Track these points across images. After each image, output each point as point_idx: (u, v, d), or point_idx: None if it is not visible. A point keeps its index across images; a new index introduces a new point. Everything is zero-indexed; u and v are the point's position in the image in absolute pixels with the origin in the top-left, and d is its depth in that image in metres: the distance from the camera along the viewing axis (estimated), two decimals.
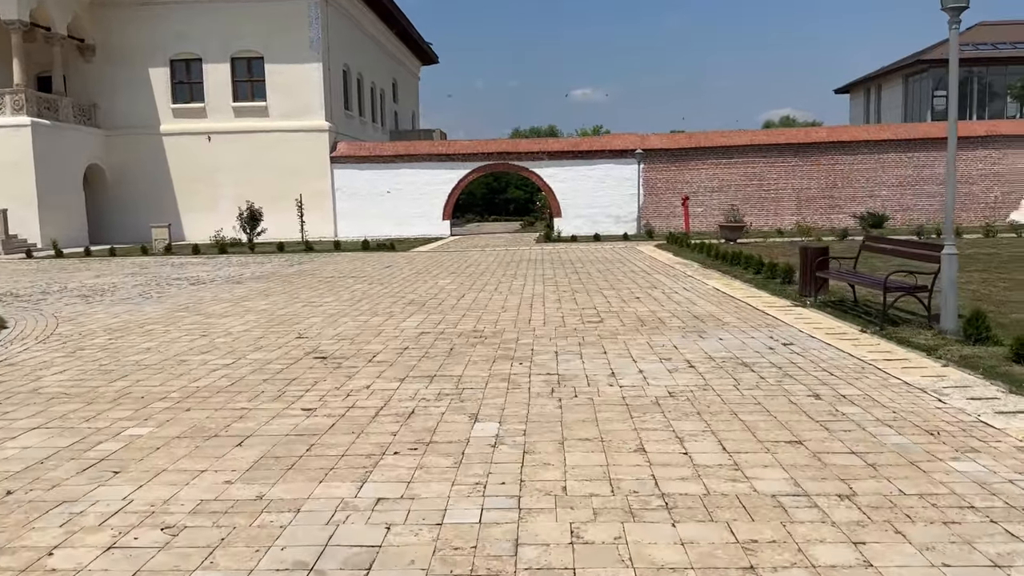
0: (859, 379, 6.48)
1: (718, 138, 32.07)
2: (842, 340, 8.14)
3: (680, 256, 19.40)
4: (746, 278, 13.96)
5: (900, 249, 9.59)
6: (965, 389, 6.03)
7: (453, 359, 7.71)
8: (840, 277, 10.22)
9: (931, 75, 41.73)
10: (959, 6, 7.76)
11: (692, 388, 6.32)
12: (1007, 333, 7.81)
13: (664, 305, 11.09)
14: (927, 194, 31.59)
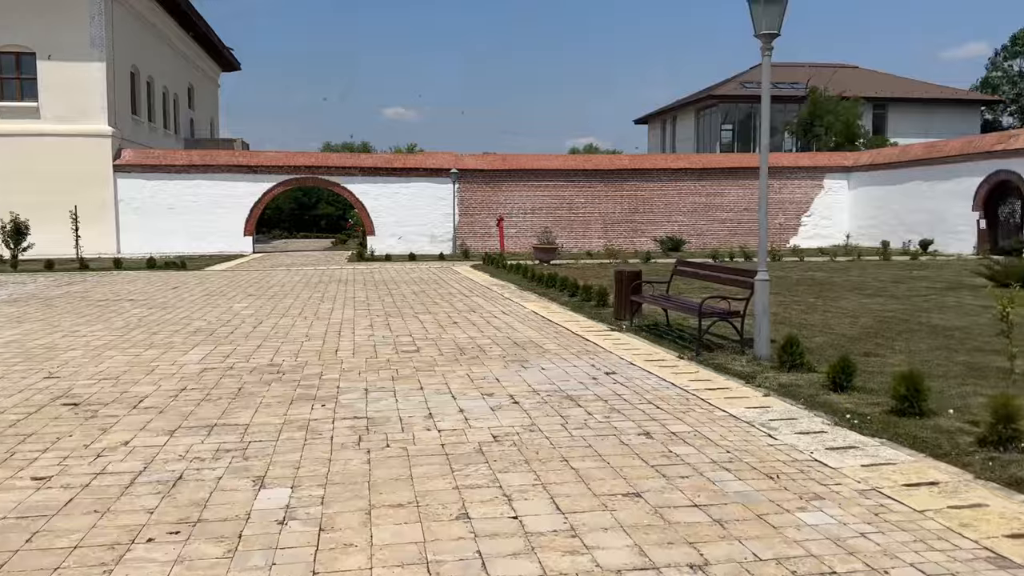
0: (686, 413, 6.15)
1: (531, 161, 32.43)
2: (662, 368, 7.90)
3: (497, 277, 19.05)
4: (563, 301, 13.75)
5: (712, 274, 9.62)
6: (792, 422, 5.85)
7: (241, 402, 6.58)
8: (655, 302, 10.13)
9: (720, 109, 44.93)
10: (771, 33, 7.83)
11: (518, 429, 5.67)
12: (814, 357, 7.91)
13: (483, 331, 10.49)
14: (719, 220, 33.73)
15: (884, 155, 33.19)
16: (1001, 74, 48.42)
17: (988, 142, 28.08)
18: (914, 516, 4.00)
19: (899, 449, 5.13)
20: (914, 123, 43.85)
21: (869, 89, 43.73)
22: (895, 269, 20.90)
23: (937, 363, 7.80)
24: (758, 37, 7.88)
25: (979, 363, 7.78)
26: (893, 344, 9.01)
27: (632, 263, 23.72)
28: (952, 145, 29.97)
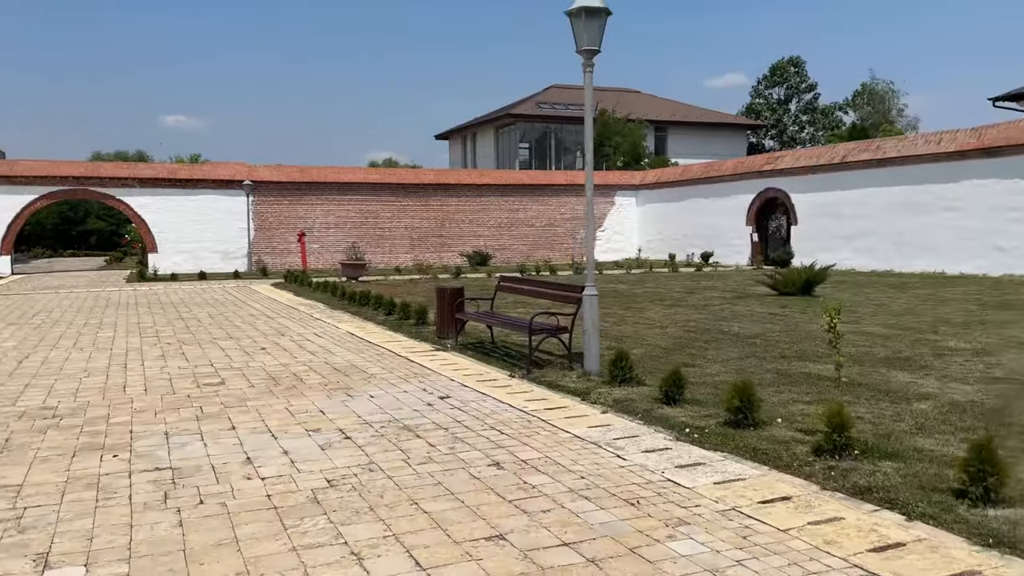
0: (531, 436, 5.89)
1: (333, 174, 31.33)
2: (496, 388, 7.62)
3: (303, 296, 18.00)
4: (379, 320, 13.15)
5: (538, 290, 9.53)
6: (635, 440, 5.76)
7: (10, 457, 5.45)
8: (481, 319, 9.86)
9: (518, 128, 46.13)
10: (592, 49, 7.84)
11: (355, 470, 5.10)
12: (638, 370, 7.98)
13: (297, 356, 9.68)
14: (521, 235, 34.51)
15: (668, 174, 35.61)
16: (762, 101, 53.88)
17: (758, 162, 30.96)
18: (780, 537, 3.95)
19: (743, 463, 5.17)
20: (691, 144, 47.55)
21: (651, 112, 46.89)
22: (685, 280, 22.30)
23: (751, 371, 8.15)
24: (580, 53, 7.87)
25: (788, 370, 8.22)
26: (705, 354, 9.36)
27: (442, 278, 23.48)
28: (726, 165, 32.74)
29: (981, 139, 22.59)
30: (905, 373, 7.92)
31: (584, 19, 7.64)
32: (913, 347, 9.54)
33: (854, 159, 26.41)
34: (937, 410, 6.35)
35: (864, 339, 10.26)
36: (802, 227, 28.43)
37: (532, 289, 9.63)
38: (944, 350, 9.26)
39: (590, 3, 7.60)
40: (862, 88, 52.88)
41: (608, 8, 7.68)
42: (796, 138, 53.04)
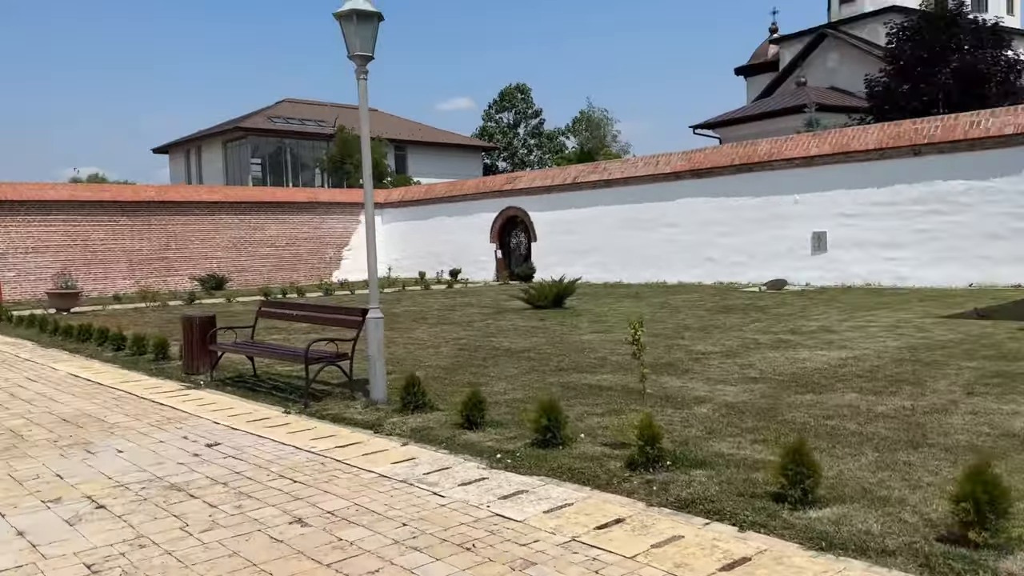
0: (331, 482, 5.23)
1: (31, 191, 27.17)
2: (272, 428, 6.79)
3: (3, 334, 15.20)
4: (106, 357, 11.39)
5: (311, 315, 8.72)
6: (448, 472, 5.34)
7: None
8: (242, 350, 8.82)
9: (249, 142, 43.65)
10: (365, 55, 7.34)
11: (122, 548, 4.12)
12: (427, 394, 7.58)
13: (10, 407, 7.97)
14: (261, 256, 32.51)
15: (413, 192, 35.66)
16: (494, 124, 56.20)
17: (498, 182, 32.03)
18: (631, 566, 3.76)
19: (564, 485, 4.97)
20: (430, 164, 48.19)
21: (390, 131, 46.77)
22: (440, 297, 22.29)
23: (537, 387, 8.10)
24: (352, 59, 7.33)
25: (571, 383, 8.29)
26: (487, 371, 9.20)
27: (173, 305, 21.25)
28: (469, 184, 33.51)
29: (691, 161, 25.22)
30: (673, 378, 8.32)
31: (356, 23, 7.12)
32: (670, 352, 10.14)
33: (584, 180, 28.25)
34: (718, 413, 6.67)
35: (626, 347, 10.73)
36: (541, 243, 29.81)
37: (303, 314, 8.81)
38: (697, 354, 9.94)
39: (361, 6, 7.11)
40: (581, 115, 57.15)
41: (380, 13, 7.23)
42: (525, 160, 55.97)
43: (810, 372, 8.29)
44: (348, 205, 34.90)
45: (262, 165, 44.37)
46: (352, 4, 7.08)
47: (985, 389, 7.06)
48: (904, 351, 9.42)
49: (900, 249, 20.51)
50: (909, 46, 22.95)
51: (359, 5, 7.07)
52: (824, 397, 7.04)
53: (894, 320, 12.69)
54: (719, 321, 13.60)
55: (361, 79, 7.38)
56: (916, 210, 20.20)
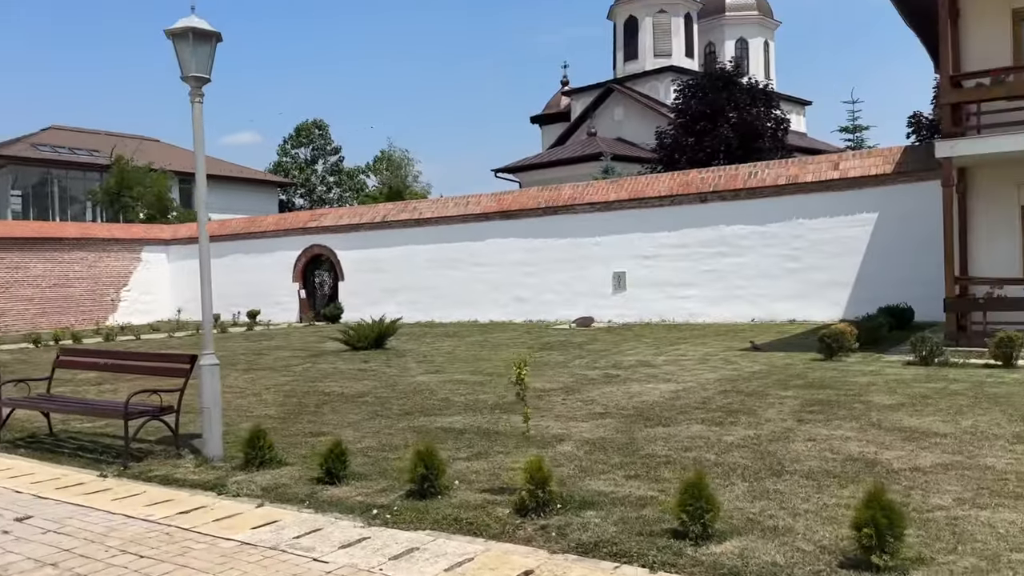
0: (185, 554, 4.55)
1: None
2: (92, 495, 5.86)
3: None
4: None
5: (126, 363, 7.70)
6: (322, 535, 4.84)
7: None
8: (41, 405, 7.60)
9: (10, 172, 38.92)
10: (202, 77, 6.72)
11: None
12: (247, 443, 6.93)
13: None
14: (25, 298, 28.82)
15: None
16: (290, 160, 54.36)
17: (302, 219, 30.88)
18: None
19: (456, 539, 4.69)
20: (220, 199, 45.33)
21: (175, 163, 43.69)
22: (244, 341, 20.88)
23: (388, 433, 7.70)
24: (186, 80, 6.67)
25: (423, 427, 7.97)
26: (326, 419, 8.63)
27: None
28: (270, 220, 32.01)
29: (500, 203, 25.82)
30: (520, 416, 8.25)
31: (192, 42, 6.50)
32: (510, 390, 10.09)
33: (394, 218, 27.98)
34: (582, 450, 6.67)
35: (464, 387, 10.58)
36: (349, 283, 29.02)
37: (115, 363, 7.75)
38: (538, 391, 9.97)
39: (198, 24, 6.50)
40: (382, 154, 56.90)
41: (219, 33, 6.66)
42: (324, 198, 54.60)
43: (650, 406, 8.59)
44: (128, 241, 32.00)
45: (23, 197, 39.61)
46: (188, 22, 6.46)
47: (811, 416, 7.67)
48: (724, 382, 10.06)
49: (691, 288, 22.14)
50: (694, 102, 25.23)
51: (195, 23, 6.46)
52: (674, 430, 7.29)
53: (701, 354, 13.58)
54: (545, 358, 13.83)
55: (196, 102, 6.73)
56: (704, 252, 21.95)
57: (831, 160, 20.91)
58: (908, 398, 8.39)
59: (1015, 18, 13.18)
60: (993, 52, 13.07)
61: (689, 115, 25.33)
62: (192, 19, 6.47)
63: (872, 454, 6.09)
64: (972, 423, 7.04)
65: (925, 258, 18.47)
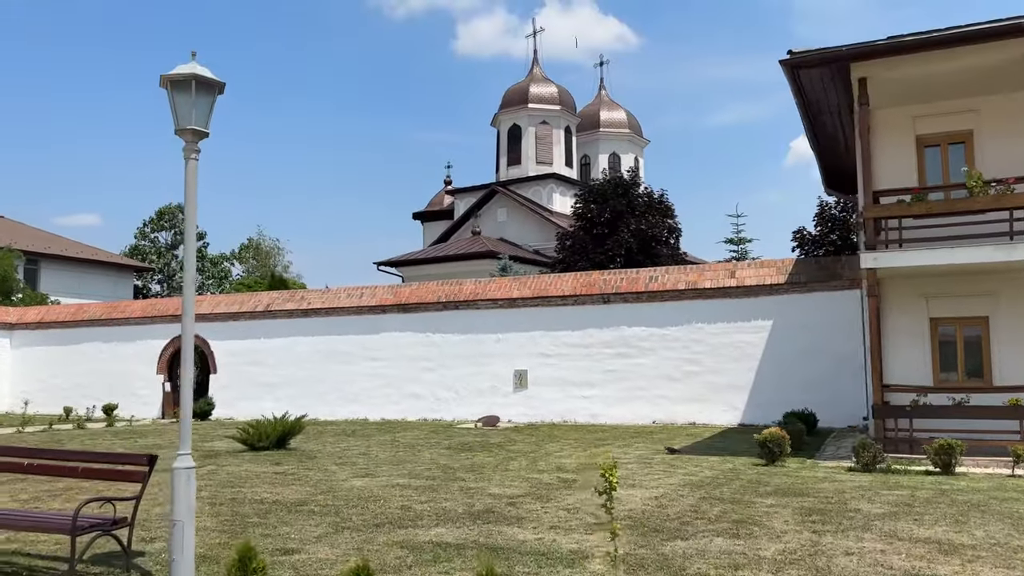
0: None
1: None
2: None
3: None
4: None
5: (59, 463, 6.29)
6: None
7: None
8: None
9: None
10: (202, 131, 5.86)
11: None
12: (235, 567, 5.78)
13: None
14: None
15: (58, 312, 30.25)
16: (149, 244, 51.06)
17: (172, 305, 28.60)
18: None
19: None
20: (67, 282, 41.70)
21: (20, 241, 39.85)
22: (113, 438, 18.52)
23: (375, 550, 6.69)
24: (181, 134, 5.79)
25: (413, 541, 7.00)
26: (286, 534, 7.45)
27: None
28: (135, 306, 29.47)
29: (397, 296, 25.04)
30: (515, 528, 7.48)
31: (195, 92, 5.67)
32: (472, 498, 9.26)
33: (279, 307, 26.46)
34: (620, 569, 5.99)
35: (414, 493, 9.60)
36: (222, 376, 26.89)
37: (48, 463, 6.30)
38: (503, 498, 9.19)
39: (202, 71, 5.71)
40: (249, 242, 54.78)
41: (224, 83, 5.87)
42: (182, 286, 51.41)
43: (644, 515, 8.04)
44: None
45: None
46: (189, 68, 5.65)
47: (821, 527, 7.38)
48: (692, 488, 9.69)
49: (592, 388, 22.05)
50: (594, 207, 25.89)
51: (199, 71, 5.66)
52: (697, 543, 6.77)
53: (634, 456, 13.22)
54: (475, 460, 13.01)
55: (192, 159, 5.84)
56: (606, 352, 22.01)
57: (728, 268, 21.83)
58: (892, 506, 8.32)
59: (919, 144, 14.39)
60: (901, 172, 14.15)
61: (589, 219, 25.93)
62: (194, 66, 5.67)
63: (927, 569, 5.82)
64: (984, 533, 6.98)
65: (818, 365, 19.37)
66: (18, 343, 29.82)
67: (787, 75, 13.56)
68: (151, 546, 6.59)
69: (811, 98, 14.80)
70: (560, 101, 44.17)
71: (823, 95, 14.77)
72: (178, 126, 5.73)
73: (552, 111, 43.88)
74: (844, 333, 19.19)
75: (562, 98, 44.44)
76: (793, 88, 14.06)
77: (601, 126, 48.14)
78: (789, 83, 13.87)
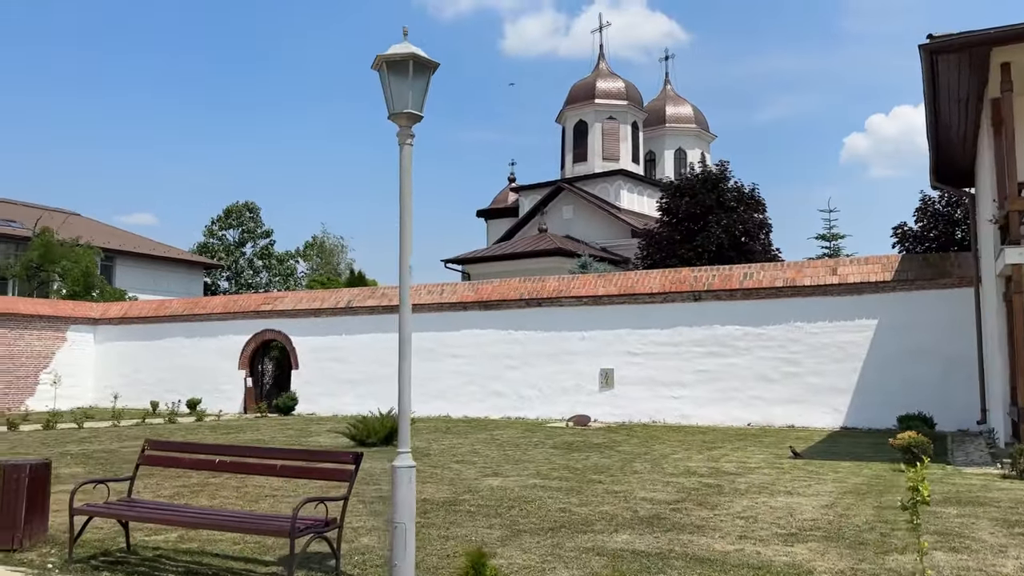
0: None
1: None
2: None
3: None
4: None
5: (263, 461, 6.08)
6: None
7: None
8: (129, 514, 5.86)
9: None
10: (416, 114, 5.58)
11: None
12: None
13: None
14: None
15: (140, 308, 30.71)
16: (217, 241, 51.80)
17: (254, 302, 28.83)
18: None
19: None
20: (141, 278, 42.53)
21: (97, 239, 40.72)
22: (211, 433, 18.61)
23: (573, 556, 6.36)
24: (395, 118, 5.54)
25: (597, 548, 6.65)
26: (454, 532, 7.17)
27: None
28: (216, 302, 29.78)
29: (479, 293, 24.81)
30: (700, 536, 7.10)
31: (412, 73, 5.41)
32: (629, 502, 8.90)
33: (360, 304, 26.46)
34: None
35: (558, 494, 9.28)
36: (304, 372, 26.99)
37: (237, 461, 6.11)
38: (660, 504, 8.81)
39: (417, 51, 5.44)
40: (313, 240, 55.23)
41: (438, 63, 5.59)
42: (252, 282, 52.02)
43: (831, 526, 7.58)
44: (53, 319, 28.98)
45: None
46: (402, 48, 5.38)
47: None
48: (856, 496, 9.19)
49: (682, 388, 21.51)
50: (684, 202, 25.36)
51: (416, 50, 5.39)
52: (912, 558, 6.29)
53: (759, 460, 12.73)
54: (591, 461, 12.64)
55: (407, 144, 5.58)
56: (697, 351, 21.45)
57: (828, 265, 21.11)
58: None
59: None
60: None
61: (676, 214, 25.39)
62: (408, 45, 5.41)
63: None
64: None
65: (926, 367, 18.56)
66: (102, 338, 30.36)
67: (924, 61, 12.91)
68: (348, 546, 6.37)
69: (941, 86, 14.10)
70: (627, 96, 43.59)
71: (954, 83, 14.06)
72: (393, 110, 5.47)
73: (619, 106, 43.32)
74: (954, 333, 18.42)
75: (629, 93, 43.85)
76: (927, 76, 13.39)
77: (667, 121, 47.43)
78: (924, 70, 13.21)
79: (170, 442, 6.51)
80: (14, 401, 27.06)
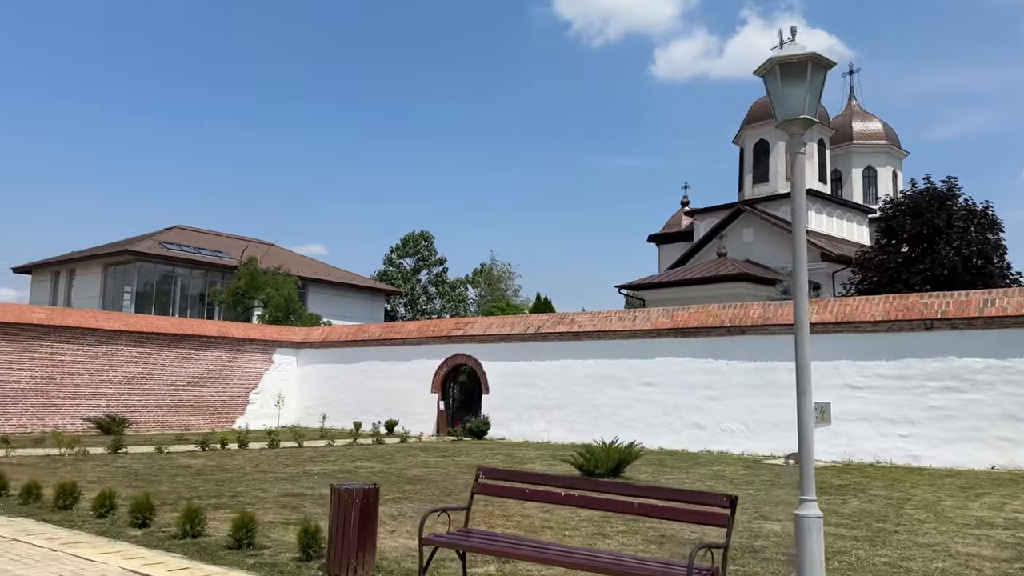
0: None
1: None
2: None
3: None
4: (132, 537, 7.54)
5: (606, 497, 5.71)
6: None
7: None
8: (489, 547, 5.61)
9: (135, 267, 38.74)
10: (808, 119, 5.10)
11: None
12: None
13: None
14: (157, 395, 27.48)
15: (338, 332, 32.11)
16: (396, 269, 53.86)
17: (446, 327, 29.38)
18: None
19: None
20: (331, 305, 44.77)
21: (293, 267, 43.36)
22: (424, 455, 18.85)
23: None
24: (784, 126, 5.07)
25: None
26: None
27: (96, 453, 16.45)
28: (410, 327, 30.61)
29: (674, 319, 23.96)
30: None
31: (810, 75, 4.92)
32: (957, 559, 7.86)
33: (549, 330, 26.28)
34: None
35: (859, 543, 8.35)
36: (493, 396, 27.09)
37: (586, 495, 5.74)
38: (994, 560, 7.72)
39: (815, 51, 4.95)
40: (482, 267, 56.20)
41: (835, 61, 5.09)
42: (426, 309, 53.59)
43: None
44: (261, 343, 30.80)
45: (135, 293, 39.11)
46: (801, 48, 4.91)
47: None
48: None
49: (911, 426, 19.63)
50: (908, 222, 23.53)
51: (814, 50, 4.91)
52: None
53: None
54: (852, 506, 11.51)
55: (800, 153, 5.09)
56: (929, 386, 19.54)
57: None
58: None
59: None
60: None
61: (904, 236, 23.57)
62: (802, 46, 4.93)
63: None
64: None
65: None
66: (304, 361, 31.95)
67: None
68: None
69: None
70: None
71: None
72: (784, 116, 5.01)
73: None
74: None
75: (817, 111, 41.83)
76: None
77: (854, 138, 44.80)
78: None
79: (504, 471, 6.25)
80: (227, 420, 28.86)
